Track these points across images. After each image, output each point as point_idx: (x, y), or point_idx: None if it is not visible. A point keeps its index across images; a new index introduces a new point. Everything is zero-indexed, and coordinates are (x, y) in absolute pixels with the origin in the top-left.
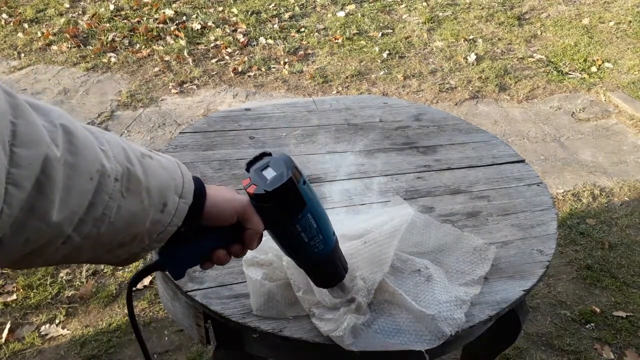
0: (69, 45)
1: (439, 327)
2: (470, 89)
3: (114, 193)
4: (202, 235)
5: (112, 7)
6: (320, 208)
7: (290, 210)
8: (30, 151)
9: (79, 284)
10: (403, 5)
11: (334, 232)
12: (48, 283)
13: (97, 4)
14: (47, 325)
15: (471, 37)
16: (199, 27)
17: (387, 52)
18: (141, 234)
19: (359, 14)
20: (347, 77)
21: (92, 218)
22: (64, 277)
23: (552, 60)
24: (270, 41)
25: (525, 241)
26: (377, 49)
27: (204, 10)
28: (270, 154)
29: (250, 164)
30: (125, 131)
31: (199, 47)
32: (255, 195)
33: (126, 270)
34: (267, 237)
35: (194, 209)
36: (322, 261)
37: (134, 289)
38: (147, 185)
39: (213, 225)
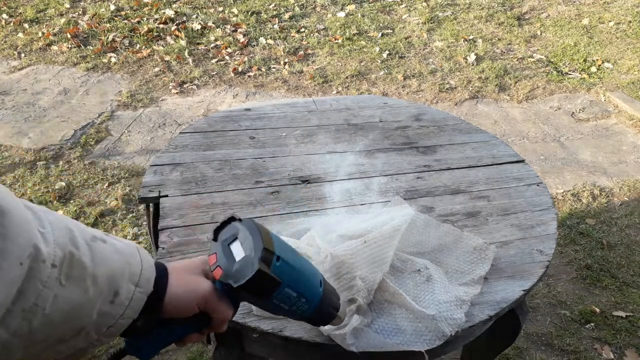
0: (69, 46)
1: (439, 327)
2: (470, 89)
3: (50, 281)
4: (163, 326)
5: (112, 7)
6: (298, 273)
7: (263, 294)
8: None
9: None
10: (403, 6)
11: (320, 281)
12: None
13: (98, 4)
14: None
15: (471, 37)
16: (199, 27)
17: (387, 52)
18: (86, 328)
19: (359, 14)
20: (347, 77)
21: (21, 309)
22: None
23: (552, 60)
24: (271, 41)
25: (525, 241)
26: (377, 49)
27: (204, 10)
28: (239, 220)
29: (217, 230)
30: (126, 131)
31: (199, 47)
32: (222, 282)
33: None
34: None
35: (153, 299)
36: (311, 315)
37: None
38: (94, 272)
39: (174, 317)
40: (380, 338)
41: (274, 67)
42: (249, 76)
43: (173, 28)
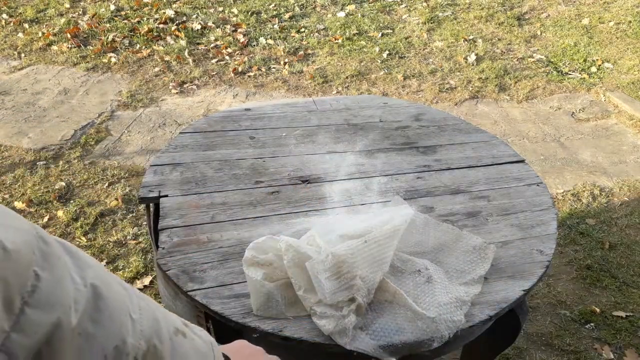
0: (69, 46)
1: (439, 329)
2: (470, 89)
3: None
4: None
5: (112, 7)
6: None
7: None
8: (43, 315)
9: None
10: (403, 6)
11: None
12: None
13: (98, 4)
14: None
15: (471, 37)
16: (199, 27)
17: (387, 52)
18: None
19: (359, 14)
20: (347, 77)
21: None
22: None
23: (552, 60)
24: (271, 41)
25: (525, 241)
26: (377, 49)
27: (204, 10)
28: None
29: None
30: (126, 131)
31: (199, 47)
32: None
33: (126, 270)
34: (266, 237)
35: None
36: None
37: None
38: None
39: None
40: (381, 338)
41: (274, 67)
42: (249, 76)
43: (173, 28)
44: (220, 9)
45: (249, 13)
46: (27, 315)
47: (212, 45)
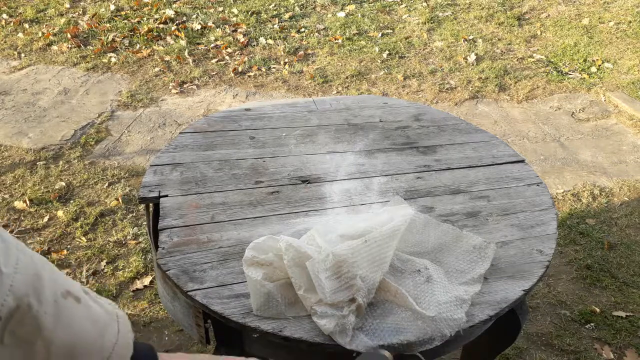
0: (70, 46)
1: (439, 328)
2: (470, 89)
3: None
4: None
5: (112, 7)
6: None
7: None
8: None
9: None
10: (403, 6)
11: None
12: None
13: (98, 4)
14: None
15: (471, 37)
16: (199, 27)
17: (387, 52)
18: None
19: (359, 14)
20: (347, 77)
21: None
22: None
23: (552, 60)
24: (270, 41)
25: (525, 241)
26: (377, 49)
27: (204, 10)
28: None
29: None
30: (126, 131)
31: (199, 47)
32: None
33: (126, 270)
34: (266, 237)
35: None
36: None
37: (134, 289)
38: (51, 337)
39: None
40: (381, 337)
41: (274, 67)
42: (249, 76)
43: (173, 28)
44: (220, 9)
45: (249, 13)
46: None
47: (212, 45)
